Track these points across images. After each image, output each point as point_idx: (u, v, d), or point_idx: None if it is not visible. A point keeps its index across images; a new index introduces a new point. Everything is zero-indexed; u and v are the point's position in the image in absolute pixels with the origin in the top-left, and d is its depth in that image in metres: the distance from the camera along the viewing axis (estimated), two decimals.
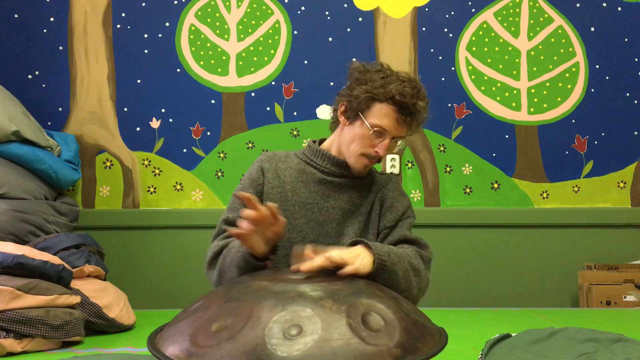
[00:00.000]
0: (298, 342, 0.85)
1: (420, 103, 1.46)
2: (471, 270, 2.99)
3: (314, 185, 1.54)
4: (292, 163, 1.57)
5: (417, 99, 1.45)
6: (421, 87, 1.49)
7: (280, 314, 0.89)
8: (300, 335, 0.86)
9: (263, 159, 1.58)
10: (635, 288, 2.74)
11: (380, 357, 0.86)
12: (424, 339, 0.95)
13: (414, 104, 1.44)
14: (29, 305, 1.90)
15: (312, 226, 1.51)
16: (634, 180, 3.06)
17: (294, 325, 0.88)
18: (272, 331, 0.87)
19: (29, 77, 2.99)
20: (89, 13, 3.01)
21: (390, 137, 1.46)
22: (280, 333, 0.86)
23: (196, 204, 3.00)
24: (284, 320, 0.88)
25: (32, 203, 2.45)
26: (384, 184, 1.60)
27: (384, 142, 1.46)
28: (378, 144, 1.47)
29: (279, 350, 0.83)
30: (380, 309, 0.95)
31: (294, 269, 1.17)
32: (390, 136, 1.46)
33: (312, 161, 1.56)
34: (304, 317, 0.89)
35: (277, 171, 1.55)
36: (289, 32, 3.04)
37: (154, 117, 3.02)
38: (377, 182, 1.60)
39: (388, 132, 1.46)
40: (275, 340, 0.85)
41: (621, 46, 3.06)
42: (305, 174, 1.55)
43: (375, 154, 1.47)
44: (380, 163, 1.53)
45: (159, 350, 0.96)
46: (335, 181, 1.54)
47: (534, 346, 1.43)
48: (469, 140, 3.05)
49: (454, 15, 3.06)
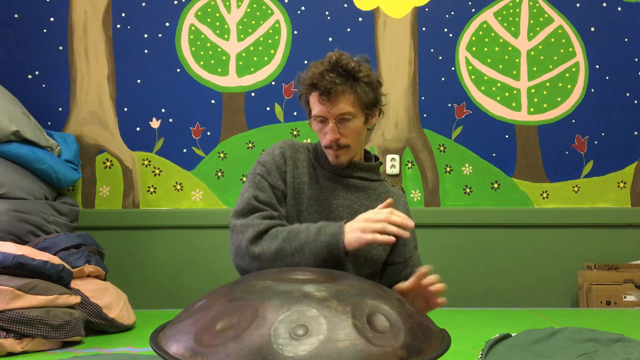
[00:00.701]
0: (304, 342, 0.85)
1: (328, 75, 1.41)
2: (471, 270, 2.99)
3: (325, 182, 1.53)
4: (306, 157, 1.56)
5: (328, 72, 1.41)
6: (337, 57, 1.43)
7: (286, 314, 0.89)
8: (306, 335, 0.86)
9: (284, 146, 1.55)
10: (635, 288, 2.74)
11: (386, 358, 0.86)
12: (428, 341, 0.95)
13: (322, 78, 1.41)
14: (29, 305, 1.90)
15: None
16: (634, 180, 3.06)
17: (299, 326, 0.87)
18: (278, 331, 0.86)
19: (29, 77, 2.99)
20: (89, 13, 3.01)
21: (332, 120, 1.43)
22: (287, 333, 0.86)
23: (196, 204, 3.00)
24: (289, 320, 0.88)
25: (32, 203, 2.44)
26: (395, 200, 1.56)
27: (329, 126, 1.44)
28: (326, 130, 1.45)
29: (285, 350, 0.83)
30: (385, 310, 0.95)
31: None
32: (332, 119, 1.43)
33: (320, 160, 1.56)
34: (309, 318, 0.88)
35: (296, 162, 1.53)
36: (289, 32, 3.04)
37: (154, 117, 3.02)
38: (388, 193, 1.58)
39: (324, 117, 1.44)
40: (282, 340, 0.85)
41: (621, 46, 3.06)
42: (317, 170, 1.54)
43: (328, 142, 1.46)
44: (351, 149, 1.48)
45: (162, 349, 0.95)
46: (344, 180, 1.53)
47: (534, 346, 1.43)
48: (469, 140, 3.05)
49: (454, 15, 3.06)
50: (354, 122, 1.45)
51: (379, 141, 3.03)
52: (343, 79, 1.42)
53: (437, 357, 0.93)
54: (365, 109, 1.47)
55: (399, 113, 3.04)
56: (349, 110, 1.44)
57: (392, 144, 3.04)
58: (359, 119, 1.46)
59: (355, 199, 1.53)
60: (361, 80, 1.44)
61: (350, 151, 1.50)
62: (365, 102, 1.46)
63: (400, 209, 1.53)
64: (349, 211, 1.50)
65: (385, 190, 1.59)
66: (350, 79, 1.43)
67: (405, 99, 3.03)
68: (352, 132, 1.46)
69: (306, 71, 1.46)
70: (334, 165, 1.52)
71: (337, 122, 1.44)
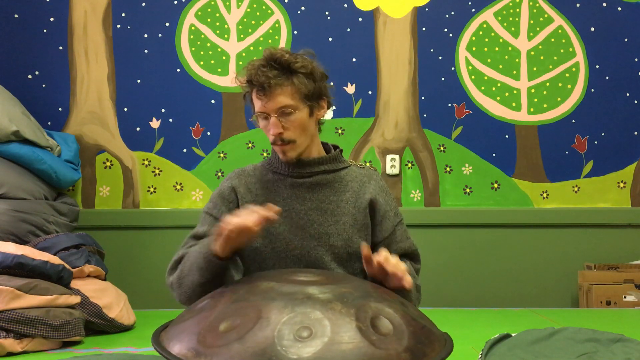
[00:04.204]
0: (308, 344, 0.84)
1: (261, 70, 1.40)
2: (471, 270, 2.99)
3: (287, 190, 1.50)
4: (261, 175, 1.55)
5: (264, 67, 1.40)
6: (271, 52, 1.43)
7: (290, 316, 0.89)
8: (311, 337, 0.86)
9: (232, 177, 1.56)
10: (635, 288, 2.74)
11: None
12: (431, 344, 0.95)
13: (257, 73, 1.40)
14: (29, 305, 1.90)
15: (294, 232, 1.47)
16: (634, 180, 3.06)
17: (303, 328, 0.87)
18: (282, 333, 0.86)
19: (29, 77, 2.99)
20: (89, 13, 3.01)
21: (273, 114, 1.42)
22: (291, 335, 0.86)
23: (196, 204, 3.00)
24: (293, 322, 0.88)
25: (32, 203, 2.44)
26: (366, 182, 1.54)
27: (271, 121, 1.42)
28: (270, 127, 1.44)
29: (289, 352, 0.83)
30: (388, 313, 0.95)
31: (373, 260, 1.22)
32: (273, 113, 1.42)
33: (277, 168, 1.53)
34: (313, 320, 0.88)
35: (248, 186, 1.53)
36: (289, 32, 3.04)
37: (154, 117, 3.01)
38: (356, 179, 1.54)
39: (265, 112, 1.43)
40: (286, 342, 0.85)
41: (621, 46, 3.06)
42: (275, 183, 1.52)
43: (272, 138, 1.44)
44: (298, 144, 1.46)
45: (164, 349, 0.95)
46: (307, 182, 1.50)
47: (534, 346, 1.43)
48: (469, 140, 3.05)
49: (454, 15, 3.06)
50: (295, 115, 1.43)
51: (379, 141, 3.03)
52: (277, 72, 1.40)
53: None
54: (307, 101, 1.44)
55: (399, 113, 3.03)
56: (287, 102, 1.42)
57: (392, 144, 3.04)
58: (300, 111, 1.43)
59: (323, 198, 1.50)
60: (298, 71, 1.42)
61: (298, 146, 1.47)
62: (305, 93, 1.43)
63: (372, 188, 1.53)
64: (318, 212, 1.48)
65: (353, 176, 1.55)
66: (285, 71, 1.41)
67: (405, 99, 3.03)
68: (296, 125, 1.44)
69: (244, 69, 1.45)
70: (286, 163, 1.50)
71: (279, 116, 1.42)
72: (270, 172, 1.54)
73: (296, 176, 1.51)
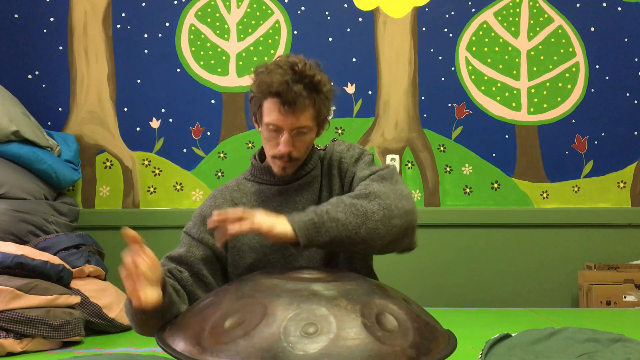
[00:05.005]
0: (314, 340, 0.85)
1: (296, 86, 1.32)
2: (471, 270, 2.99)
3: (275, 198, 1.47)
4: (246, 188, 1.51)
5: (294, 82, 1.33)
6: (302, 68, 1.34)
7: (295, 312, 0.89)
8: (317, 333, 0.86)
9: (216, 195, 1.52)
10: (635, 288, 2.75)
11: (396, 358, 0.86)
12: (435, 341, 0.95)
13: (288, 88, 1.32)
14: (29, 305, 1.90)
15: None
16: (634, 180, 3.06)
17: (309, 324, 0.87)
18: (288, 329, 0.87)
19: (29, 77, 2.99)
20: (89, 13, 3.01)
21: (287, 131, 1.36)
22: (297, 331, 0.86)
23: (196, 204, 2.99)
24: (299, 319, 0.88)
25: (32, 203, 2.44)
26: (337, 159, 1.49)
27: (284, 138, 1.37)
28: (280, 141, 1.38)
29: (295, 348, 0.83)
30: (393, 310, 0.95)
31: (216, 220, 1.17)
32: (288, 130, 1.36)
33: (262, 179, 1.50)
34: (319, 316, 0.89)
35: (234, 201, 1.49)
36: (289, 32, 3.04)
37: (154, 117, 3.01)
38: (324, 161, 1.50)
39: (281, 127, 1.37)
40: (292, 338, 0.85)
41: (621, 46, 3.07)
42: (262, 193, 1.49)
43: (279, 152, 1.39)
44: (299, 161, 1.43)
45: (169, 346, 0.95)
46: (295, 184, 1.47)
47: (534, 346, 1.43)
48: (469, 140, 3.05)
49: (454, 15, 3.06)
50: (308, 135, 1.40)
51: (379, 141, 3.03)
52: (308, 91, 1.35)
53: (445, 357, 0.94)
54: (319, 121, 1.42)
55: (399, 113, 3.04)
56: (306, 124, 1.38)
57: (392, 144, 3.04)
58: (312, 131, 1.42)
59: (313, 193, 1.48)
60: (322, 93, 1.38)
61: (298, 163, 1.44)
62: (323, 116, 1.42)
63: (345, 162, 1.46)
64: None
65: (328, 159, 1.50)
66: (311, 90, 1.36)
67: (405, 99, 3.03)
68: (306, 144, 1.42)
69: (266, 73, 1.36)
70: (280, 177, 1.46)
71: (293, 134, 1.38)
72: (256, 183, 1.51)
73: (283, 182, 1.48)
